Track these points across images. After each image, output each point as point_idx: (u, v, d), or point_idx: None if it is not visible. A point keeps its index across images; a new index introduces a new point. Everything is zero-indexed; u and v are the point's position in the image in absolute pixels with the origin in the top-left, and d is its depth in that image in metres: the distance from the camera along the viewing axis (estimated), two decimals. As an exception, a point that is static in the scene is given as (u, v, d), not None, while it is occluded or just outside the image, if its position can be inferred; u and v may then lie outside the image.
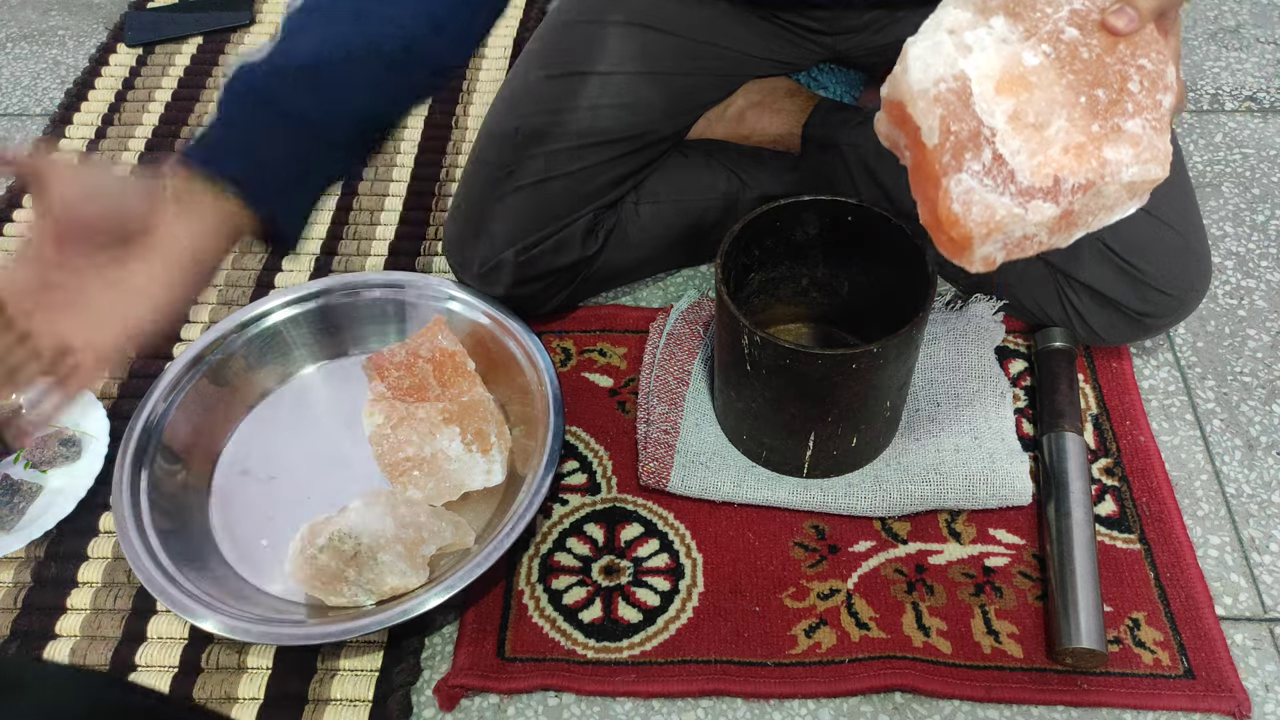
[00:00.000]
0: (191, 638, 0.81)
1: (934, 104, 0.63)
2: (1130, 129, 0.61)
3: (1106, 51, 0.62)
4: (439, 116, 1.26)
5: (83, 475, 0.90)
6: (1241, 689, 0.76)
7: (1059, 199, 0.61)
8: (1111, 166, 0.61)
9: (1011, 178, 0.61)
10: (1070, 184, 0.61)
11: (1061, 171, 0.61)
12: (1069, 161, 0.61)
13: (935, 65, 0.63)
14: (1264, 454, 0.91)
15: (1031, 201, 0.61)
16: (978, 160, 0.62)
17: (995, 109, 0.62)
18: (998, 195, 0.61)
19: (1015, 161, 0.61)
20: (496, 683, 0.77)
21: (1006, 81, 0.62)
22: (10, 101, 1.34)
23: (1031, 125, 0.61)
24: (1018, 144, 0.61)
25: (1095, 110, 0.62)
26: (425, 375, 0.89)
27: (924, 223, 0.66)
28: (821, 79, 1.08)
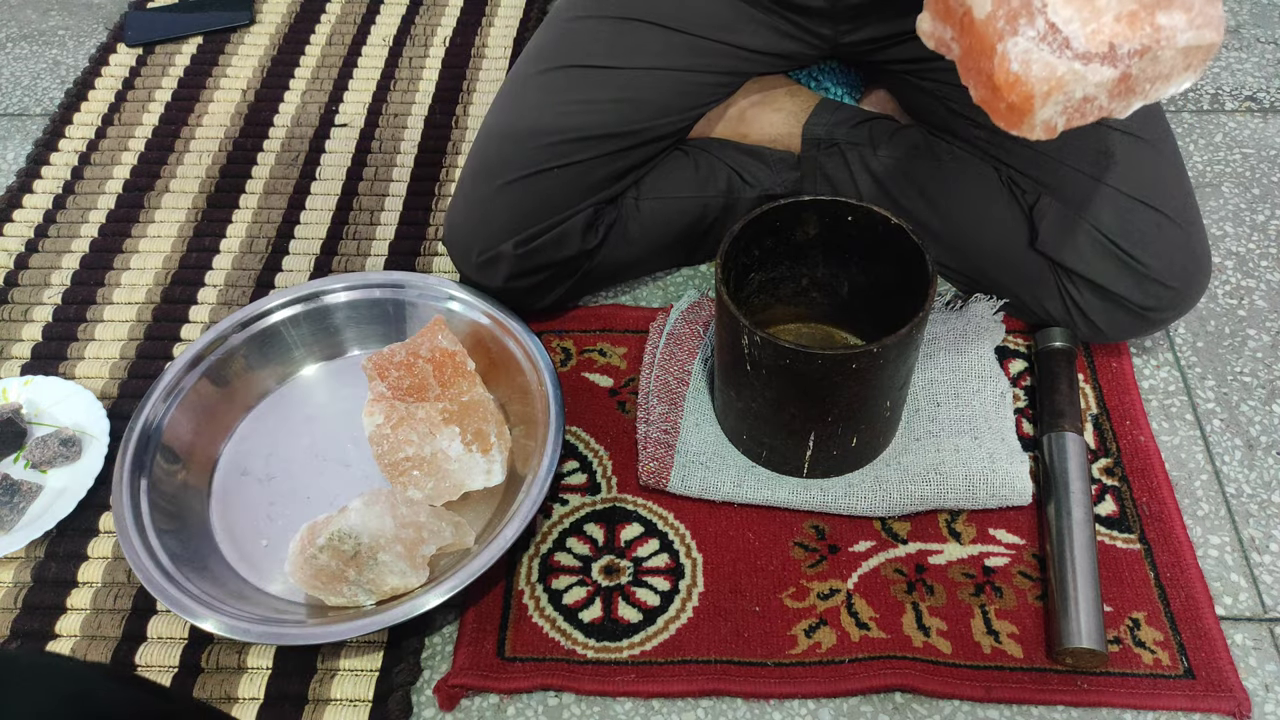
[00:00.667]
0: (191, 638, 0.81)
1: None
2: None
3: None
4: (439, 116, 1.27)
5: (83, 475, 0.90)
6: (1241, 689, 0.76)
7: (1116, 63, 0.61)
8: (1166, 32, 0.61)
9: (1067, 44, 0.61)
10: (1126, 49, 0.61)
11: (1116, 38, 0.61)
12: (1123, 29, 0.61)
13: None
14: (1264, 454, 0.91)
15: (1090, 64, 0.61)
16: (1032, 27, 0.62)
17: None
18: (1056, 56, 0.61)
19: (1069, 29, 0.61)
20: (496, 683, 0.77)
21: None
22: (10, 101, 1.34)
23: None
24: (1070, 13, 0.61)
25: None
26: (425, 375, 0.89)
27: (979, 101, 0.65)
28: (821, 79, 1.08)
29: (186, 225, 1.15)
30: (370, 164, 1.21)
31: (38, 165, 1.23)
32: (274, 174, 1.20)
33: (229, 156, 1.23)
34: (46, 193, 1.19)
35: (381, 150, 1.23)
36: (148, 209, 1.17)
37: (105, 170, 1.22)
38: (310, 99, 1.30)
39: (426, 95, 1.30)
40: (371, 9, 1.45)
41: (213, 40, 1.40)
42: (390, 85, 1.32)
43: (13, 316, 1.06)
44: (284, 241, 1.12)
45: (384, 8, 1.45)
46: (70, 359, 1.01)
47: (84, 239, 1.13)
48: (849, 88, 1.08)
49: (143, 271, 1.10)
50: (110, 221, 1.15)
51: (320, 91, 1.32)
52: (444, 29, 1.41)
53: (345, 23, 1.43)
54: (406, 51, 1.37)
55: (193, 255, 1.11)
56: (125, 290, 1.08)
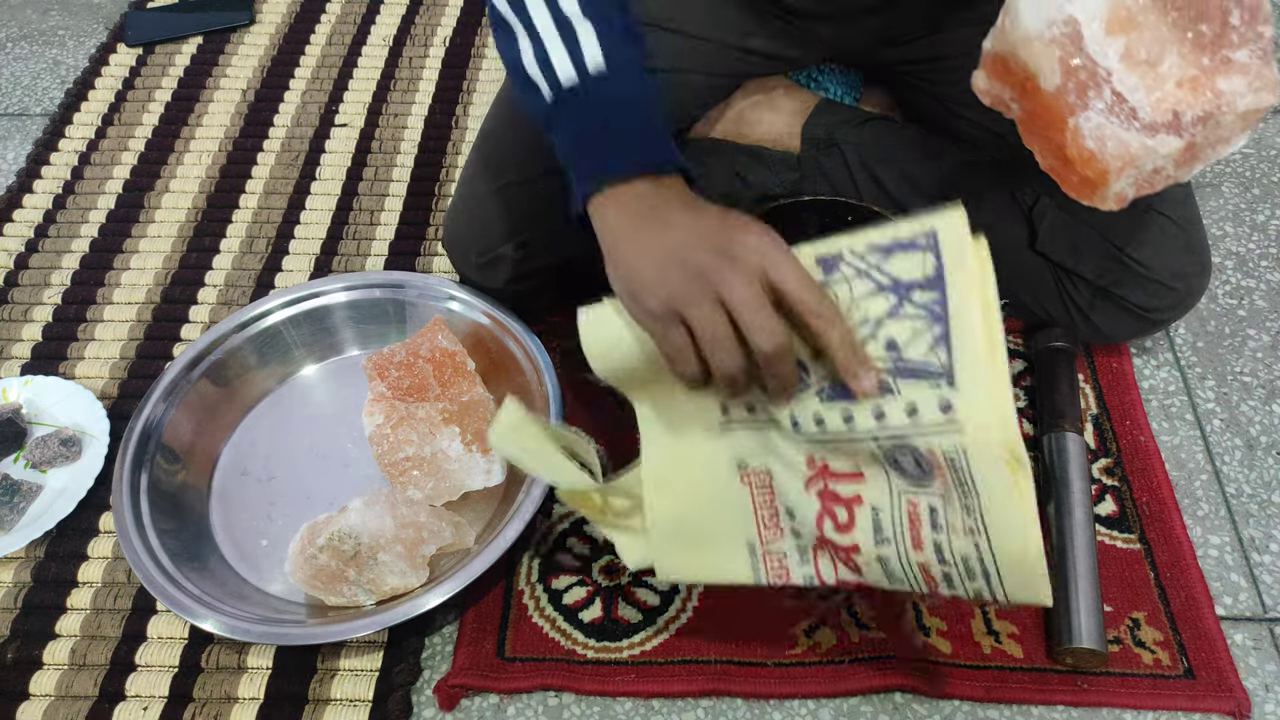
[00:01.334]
0: (191, 638, 0.81)
1: (1050, 46, 0.64)
2: (1239, 59, 0.62)
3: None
4: (439, 116, 1.27)
5: (83, 475, 0.90)
6: (1241, 689, 0.76)
7: (1181, 131, 0.62)
8: (1227, 97, 0.62)
9: (1134, 114, 0.62)
10: (1189, 116, 0.62)
11: (1180, 105, 0.62)
12: (1185, 95, 0.62)
13: (1045, 10, 0.64)
14: (1264, 454, 0.91)
15: (1158, 135, 0.62)
16: (1100, 99, 0.63)
17: (1107, 49, 0.62)
18: (1125, 130, 0.62)
19: (1135, 99, 0.62)
20: (496, 683, 0.77)
21: (1115, 21, 0.63)
22: (10, 101, 1.34)
23: (1145, 62, 0.62)
24: (1134, 81, 0.62)
25: (1202, 44, 0.62)
26: (425, 375, 0.89)
27: (1047, 168, 0.66)
28: (821, 79, 1.08)
29: (186, 225, 1.15)
30: (370, 164, 1.21)
31: (38, 165, 1.23)
32: (274, 174, 1.20)
33: (229, 156, 1.23)
34: (46, 193, 1.19)
35: (381, 150, 1.23)
36: (148, 209, 1.17)
37: (105, 170, 1.22)
38: (310, 99, 1.30)
39: (426, 95, 1.30)
40: (371, 9, 1.45)
41: (213, 40, 1.40)
42: (390, 85, 1.32)
43: (13, 316, 1.06)
44: (284, 241, 1.12)
45: (384, 8, 1.45)
46: (70, 359, 1.01)
47: (84, 239, 1.13)
48: (849, 88, 1.08)
49: (143, 271, 1.10)
50: (110, 221, 1.15)
51: (320, 91, 1.32)
52: (444, 29, 1.41)
53: (345, 23, 1.43)
54: (406, 51, 1.37)
55: (193, 255, 1.11)
56: (125, 290, 1.08)
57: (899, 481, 0.59)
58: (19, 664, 0.80)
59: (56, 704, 0.78)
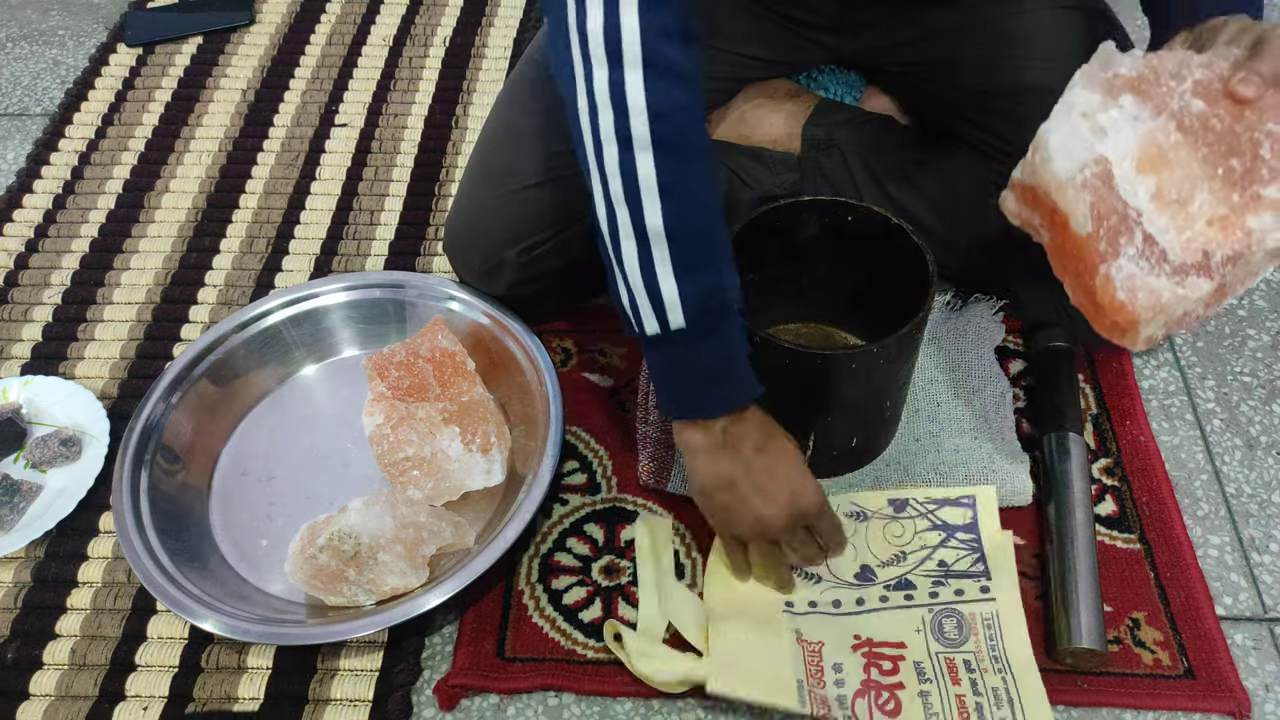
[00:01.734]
0: (191, 638, 0.81)
1: (1082, 191, 0.64)
2: (1269, 195, 0.61)
3: (1235, 120, 0.63)
4: (439, 116, 1.27)
5: (83, 475, 0.90)
6: (1241, 689, 0.76)
7: (1211, 273, 0.62)
8: (1256, 235, 0.61)
9: (1164, 257, 0.62)
10: (1219, 257, 0.62)
11: (1209, 245, 0.61)
12: (1215, 234, 0.61)
13: (1077, 152, 0.64)
14: (1264, 454, 0.91)
15: (1188, 279, 0.62)
16: (1131, 244, 0.63)
17: (1138, 189, 0.62)
18: (1156, 277, 0.62)
19: (1165, 240, 0.62)
20: (496, 683, 0.77)
21: (1146, 160, 0.63)
22: (10, 101, 1.34)
23: (1175, 202, 0.62)
24: (1164, 222, 0.62)
25: (1232, 180, 0.62)
26: (425, 375, 0.89)
27: (1078, 304, 0.67)
28: (821, 79, 1.08)
29: (186, 225, 1.15)
30: (370, 164, 1.21)
31: (38, 165, 1.22)
32: (274, 174, 1.20)
33: (229, 156, 1.23)
34: (46, 193, 1.19)
35: (381, 150, 1.23)
36: (148, 209, 1.17)
37: (105, 170, 1.22)
38: (310, 99, 1.30)
39: (426, 95, 1.30)
40: (371, 9, 1.45)
41: (213, 40, 1.40)
42: (390, 85, 1.32)
43: (13, 316, 1.06)
44: (284, 241, 1.12)
45: (384, 8, 1.45)
46: (70, 359, 1.01)
47: (84, 239, 1.13)
48: (849, 88, 1.08)
49: (143, 271, 1.10)
50: (110, 221, 1.15)
51: (320, 91, 1.32)
52: (444, 29, 1.41)
53: (345, 23, 1.43)
54: (406, 51, 1.37)
55: (193, 255, 1.11)
56: (125, 290, 1.08)
57: (937, 645, 0.77)
58: (19, 664, 0.80)
59: (56, 704, 0.78)
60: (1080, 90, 0.65)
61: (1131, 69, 0.65)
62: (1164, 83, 0.64)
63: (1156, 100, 0.64)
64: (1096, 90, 0.65)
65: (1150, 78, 0.64)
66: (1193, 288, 0.62)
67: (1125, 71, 0.65)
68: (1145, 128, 0.63)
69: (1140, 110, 0.64)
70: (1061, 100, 0.66)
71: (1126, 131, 0.63)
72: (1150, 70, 0.65)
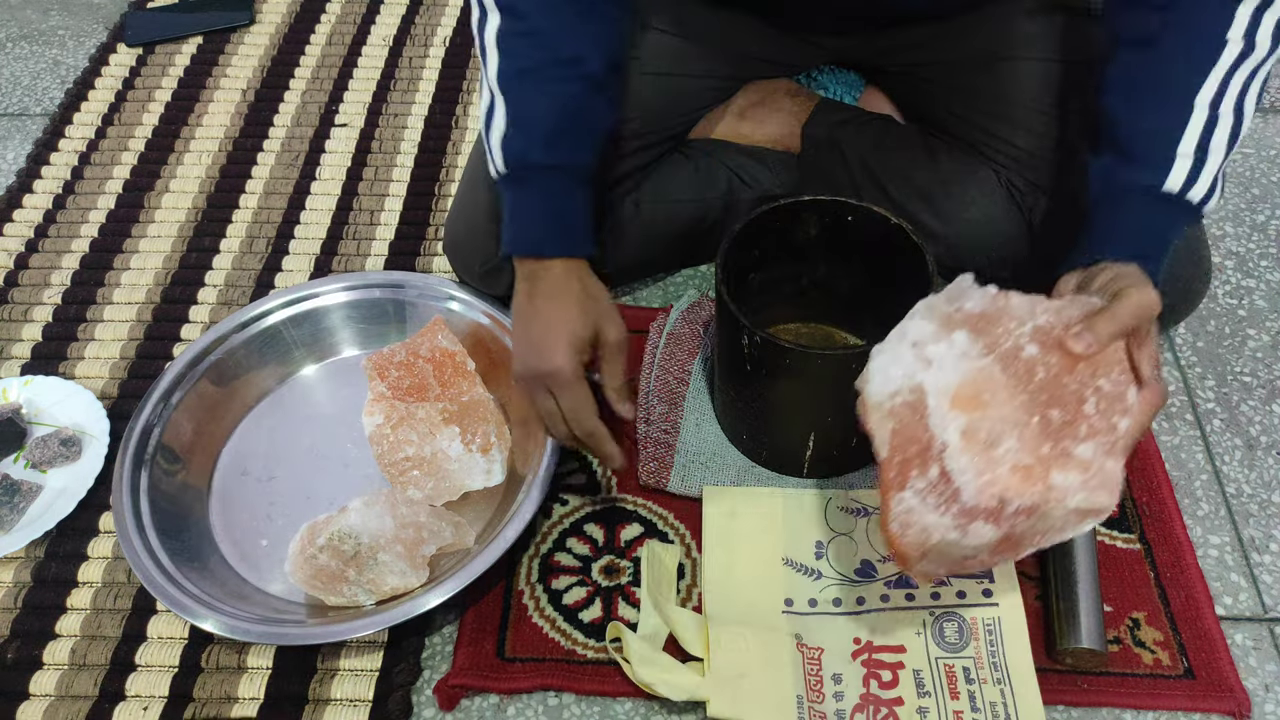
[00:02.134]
0: (191, 638, 0.81)
1: (887, 418, 0.64)
2: (1080, 454, 0.61)
3: (1065, 371, 0.63)
4: (439, 116, 1.26)
5: (83, 475, 0.90)
6: (1241, 689, 0.76)
7: (1001, 521, 0.61)
8: (1057, 492, 0.60)
9: (956, 496, 0.61)
10: (1015, 506, 0.60)
11: (1008, 493, 0.60)
12: (1016, 483, 0.60)
13: (894, 378, 0.65)
14: (1264, 454, 0.91)
15: (973, 524, 0.61)
16: (923, 478, 0.62)
17: (949, 424, 0.62)
18: (938, 515, 0.61)
19: (961, 480, 0.61)
20: (496, 683, 0.77)
21: (962, 398, 0.62)
22: (10, 101, 1.34)
23: (983, 443, 0.61)
24: (966, 461, 0.61)
25: (1047, 431, 0.62)
26: (425, 375, 0.89)
27: (882, 526, 0.66)
28: (821, 79, 1.08)
29: (186, 225, 1.15)
30: (370, 164, 1.21)
31: (38, 165, 1.22)
32: (274, 174, 1.20)
33: (229, 156, 1.23)
34: (46, 193, 1.19)
35: (381, 150, 1.23)
36: (148, 209, 1.17)
37: (105, 170, 1.22)
38: (310, 99, 1.30)
39: (426, 95, 1.30)
40: (371, 9, 1.45)
41: (213, 40, 1.40)
42: (390, 85, 1.32)
43: (13, 316, 1.06)
44: (284, 241, 1.12)
45: (384, 8, 1.45)
46: (70, 359, 1.01)
47: (84, 239, 1.13)
48: (849, 88, 1.08)
49: (143, 271, 1.10)
50: (110, 221, 1.15)
51: (320, 91, 1.32)
52: (444, 29, 1.41)
53: (345, 23, 1.43)
54: (406, 51, 1.37)
55: (193, 255, 1.11)
56: (125, 290, 1.08)
57: (937, 649, 0.76)
58: (19, 664, 0.80)
59: (56, 704, 0.78)
60: (918, 319, 0.66)
61: (977, 305, 0.65)
62: (1004, 323, 0.64)
63: (990, 340, 0.64)
64: (933, 322, 0.65)
65: (993, 316, 0.65)
66: (974, 534, 0.61)
67: (970, 307, 0.65)
68: (971, 365, 0.63)
69: (971, 347, 0.64)
70: (900, 324, 0.67)
71: (950, 367, 0.63)
72: (996, 309, 0.65)
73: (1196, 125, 0.70)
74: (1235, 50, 0.69)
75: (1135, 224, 0.71)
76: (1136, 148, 0.71)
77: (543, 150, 0.76)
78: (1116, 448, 0.62)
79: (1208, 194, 0.70)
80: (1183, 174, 0.70)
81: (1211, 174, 0.70)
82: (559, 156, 0.77)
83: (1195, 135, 0.70)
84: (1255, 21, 0.69)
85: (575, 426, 0.76)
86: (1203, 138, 0.70)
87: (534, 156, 0.77)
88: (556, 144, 0.76)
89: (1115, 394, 0.62)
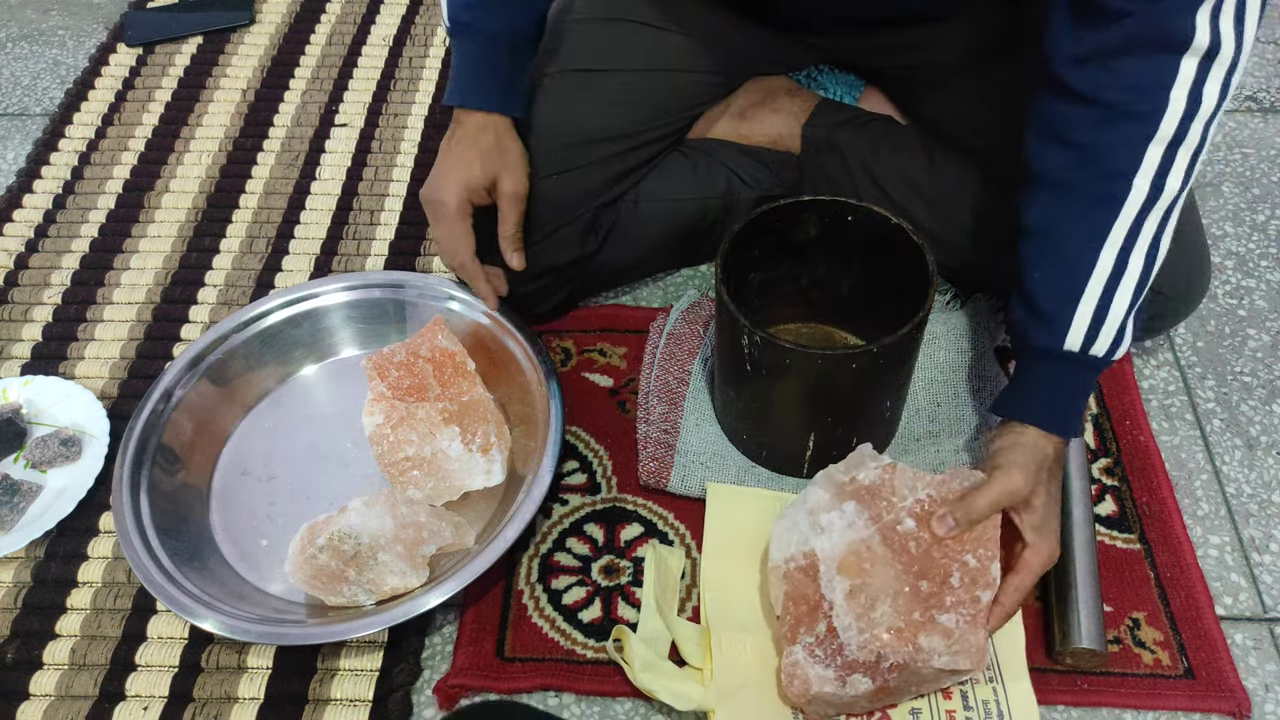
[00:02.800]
0: (191, 638, 0.81)
1: (782, 580, 0.73)
2: (944, 621, 0.69)
3: (935, 545, 0.71)
4: (439, 116, 1.26)
5: (83, 475, 0.90)
6: (1241, 689, 0.76)
7: (876, 675, 0.69)
8: (924, 654, 0.68)
9: (840, 650, 0.69)
10: (889, 662, 0.68)
11: (883, 650, 0.68)
12: (891, 641, 0.68)
13: (790, 543, 0.73)
14: (1264, 454, 0.91)
15: (852, 675, 0.69)
16: (811, 633, 0.71)
17: (836, 586, 0.70)
18: (823, 667, 0.70)
19: (846, 636, 0.69)
20: (496, 683, 0.77)
21: (846, 564, 0.71)
22: (10, 101, 1.34)
23: (863, 605, 0.70)
24: (849, 620, 0.69)
25: (918, 598, 0.70)
26: (425, 375, 0.89)
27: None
28: (821, 79, 1.08)
29: (186, 225, 1.15)
30: (370, 164, 1.21)
31: (38, 165, 1.23)
32: (274, 174, 1.20)
33: (229, 156, 1.23)
34: (46, 193, 1.19)
35: (381, 150, 1.23)
36: (148, 209, 1.17)
37: (105, 170, 1.22)
38: (310, 99, 1.30)
39: (426, 95, 1.30)
40: (371, 9, 1.45)
41: (213, 40, 1.40)
42: (390, 85, 1.32)
43: (13, 316, 1.06)
44: (284, 241, 1.12)
45: (384, 8, 1.45)
46: (70, 359, 1.01)
47: (84, 239, 1.13)
48: (848, 87, 1.08)
49: (143, 271, 1.10)
50: (110, 221, 1.15)
51: (320, 91, 1.32)
52: (444, 29, 1.41)
53: (345, 23, 1.43)
54: (406, 51, 1.37)
55: (193, 255, 1.11)
56: (125, 290, 1.08)
57: None
58: (19, 664, 0.80)
59: (56, 704, 0.78)
60: (816, 488, 0.74)
61: (868, 476, 0.74)
62: (887, 496, 0.73)
63: (875, 511, 0.72)
64: (828, 491, 0.74)
65: (880, 489, 0.73)
66: (852, 685, 0.69)
67: (862, 478, 0.74)
68: (855, 534, 0.72)
69: (858, 518, 0.72)
70: (801, 493, 0.76)
71: (838, 534, 0.72)
72: (883, 482, 0.73)
73: (1100, 278, 0.71)
74: (1142, 195, 0.69)
75: (1037, 385, 0.75)
76: (1040, 303, 0.73)
77: (471, 12, 0.82)
78: (979, 618, 0.69)
79: (1111, 348, 0.72)
80: (1081, 333, 0.72)
81: (1114, 328, 0.72)
82: (484, 21, 0.82)
83: (1098, 290, 0.71)
84: (1167, 161, 0.68)
85: (448, 257, 0.88)
86: (1105, 293, 0.71)
87: (463, 17, 0.82)
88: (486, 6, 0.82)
89: (979, 569, 0.70)
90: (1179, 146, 0.68)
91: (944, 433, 0.88)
